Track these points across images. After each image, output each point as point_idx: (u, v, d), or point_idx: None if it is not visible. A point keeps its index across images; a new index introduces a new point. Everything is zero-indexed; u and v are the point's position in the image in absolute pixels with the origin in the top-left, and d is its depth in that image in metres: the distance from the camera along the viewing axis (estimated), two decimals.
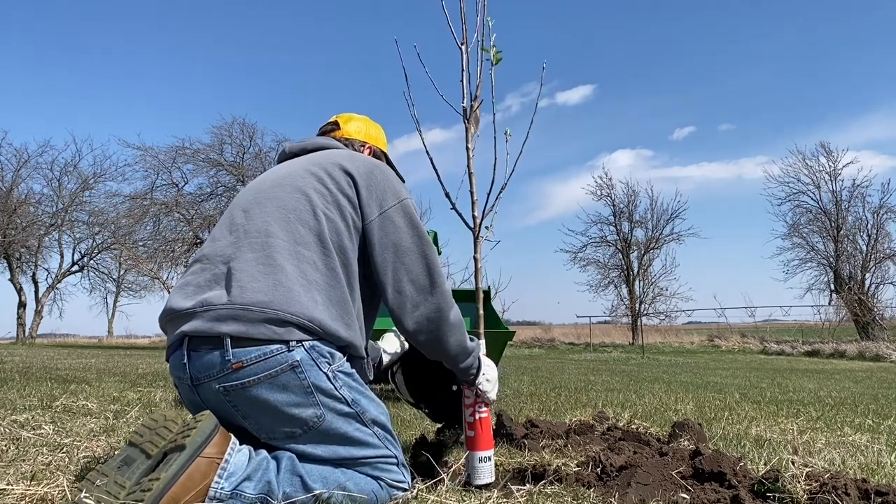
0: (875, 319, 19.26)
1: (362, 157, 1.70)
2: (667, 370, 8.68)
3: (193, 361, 1.43)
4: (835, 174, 22.74)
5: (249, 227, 1.52)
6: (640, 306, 24.18)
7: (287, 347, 1.40)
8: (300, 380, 1.41)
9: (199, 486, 1.30)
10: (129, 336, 35.99)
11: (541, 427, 2.47)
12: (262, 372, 1.38)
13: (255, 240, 1.49)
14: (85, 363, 7.95)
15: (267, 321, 1.39)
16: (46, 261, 25.18)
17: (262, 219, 1.53)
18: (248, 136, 21.08)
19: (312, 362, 1.42)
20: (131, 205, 20.40)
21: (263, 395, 1.40)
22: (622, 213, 25.84)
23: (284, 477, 1.40)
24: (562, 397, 4.37)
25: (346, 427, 1.46)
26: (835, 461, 2.13)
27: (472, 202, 1.93)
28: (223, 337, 1.39)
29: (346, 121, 1.97)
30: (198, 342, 1.43)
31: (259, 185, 1.66)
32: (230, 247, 1.51)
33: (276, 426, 1.44)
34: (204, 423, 1.36)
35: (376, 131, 2.01)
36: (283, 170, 1.66)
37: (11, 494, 1.45)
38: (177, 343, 1.48)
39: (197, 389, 1.45)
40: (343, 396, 1.46)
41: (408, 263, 1.57)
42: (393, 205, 1.60)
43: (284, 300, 1.40)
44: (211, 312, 1.41)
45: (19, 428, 2.43)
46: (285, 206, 1.54)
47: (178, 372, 1.47)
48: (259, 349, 1.38)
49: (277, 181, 1.62)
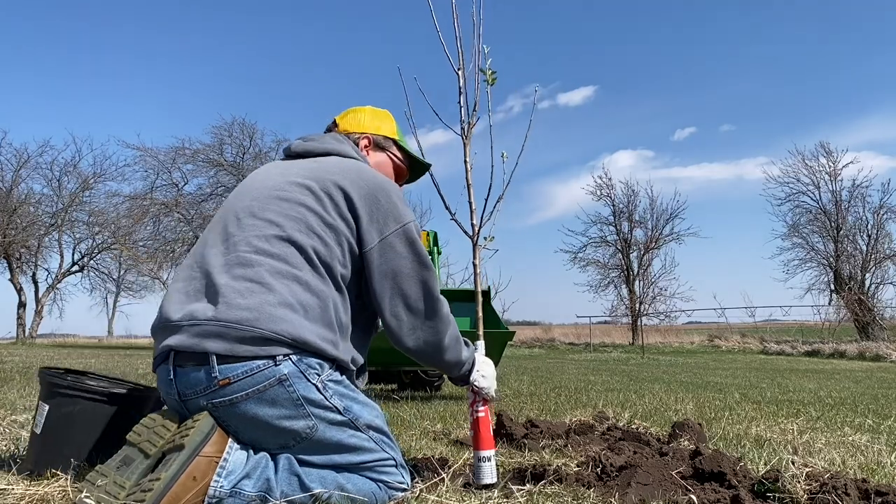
0: (875, 319, 19.26)
1: (365, 174, 1.61)
2: (667, 370, 8.69)
3: (180, 378, 1.41)
4: (835, 174, 22.75)
5: (240, 239, 1.48)
6: (640, 306, 24.18)
7: (274, 362, 1.37)
8: (289, 393, 1.38)
9: (199, 484, 1.31)
10: (129, 336, 36.06)
11: (541, 427, 2.47)
12: (250, 388, 1.36)
13: (245, 254, 1.45)
14: (85, 363, 7.95)
15: (252, 339, 1.36)
16: (46, 261, 25.20)
17: (255, 232, 1.49)
18: (248, 136, 21.11)
19: (301, 375, 1.40)
20: (131, 205, 20.42)
21: (252, 411, 1.38)
22: (622, 213, 25.88)
23: (282, 476, 1.40)
24: (562, 397, 4.37)
25: (340, 435, 1.45)
26: (835, 461, 2.13)
27: (471, 211, 2.00)
28: (209, 354, 1.36)
29: (342, 116, 1.91)
30: (183, 358, 1.40)
31: (258, 188, 1.60)
32: (220, 256, 1.48)
33: (269, 439, 1.43)
34: (202, 423, 1.36)
35: (378, 120, 1.90)
36: (282, 178, 1.60)
37: (11, 494, 1.46)
38: (162, 356, 1.45)
39: (185, 405, 1.43)
40: (334, 405, 1.44)
41: (406, 290, 1.55)
42: (394, 230, 1.56)
43: (270, 318, 1.37)
44: (196, 328, 1.38)
45: (19, 428, 2.44)
46: (279, 224, 1.49)
47: (165, 387, 1.45)
48: (245, 365, 1.36)
49: (275, 190, 1.56)
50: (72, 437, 1.68)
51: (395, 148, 1.90)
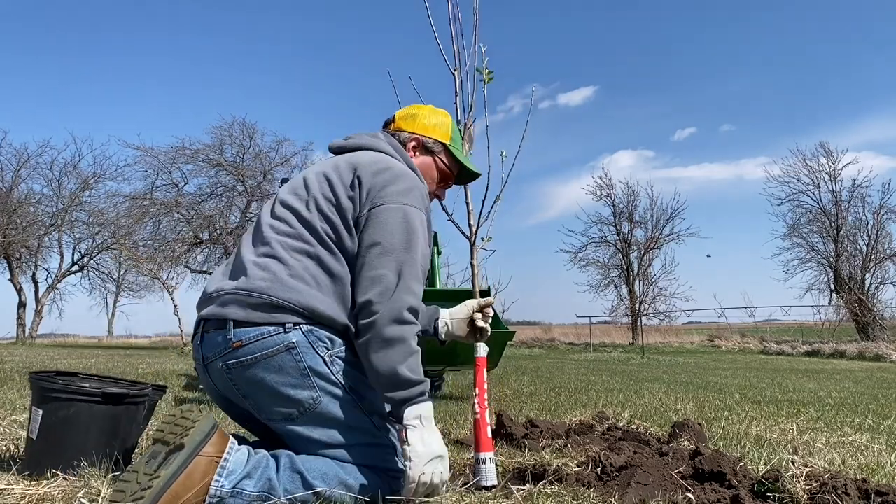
0: (875, 319, 19.24)
1: (382, 163, 1.64)
2: (667, 370, 8.68)
3: (205, 343, 1.55)
4: (834, 174, 22.72)
5: (265, 223, 1.62)
6: (640, 306, 24.16)
7: (283, 329, 1.47)
8: (296, 361, 1.46)
9: (199, 484, 1.32)
10: (129, 336, 36.05)
11: (541, 427, 2.47)
12: (259, 351, 1.46)
13: (266, 234, 1.59)
14: (85, 363, 7.95)
15: (264, 306, 1.48)
16: (46, 261, 25.19)
17: (278, 215, 1.62)
18: (248, 136, 21.06)
19: (309, 345, 1.48)
20: (131, 205, 20.37)
21: (260, 375, 1.47)
22: (622, 213, 25.83)
23: (284, 474, 1.40)
24: (562, 397, 4.37)
25: (344, 412, 1.49)
26: (835, 461, 2.13)
27: (468, 212, 2.04)
28: (227, 319, 1.49)
29: (402, 113, 1.90)
30: (209, 325, 1.55)
31: (293, 183, 1.72)
32: (250, 238, 1.64)
33: (274, 406, 1.49)
34: (202, 424, 1.38)
35: (433, 122, 1.87)
36: (312, 171, 1.70)
37: (11, 494, 1.46)
38: (196, 326, 1.61)
39: (207, 369, 1.56)
40: (340, 381, 1.50)
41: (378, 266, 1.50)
42: (386, 203, 1.55)
43: (282, 287, 1.49)
44: (221, 298, 1.53)
45: (19, 428, 2.44)
46: (295, 208, 1.60)
47: (195, 354, 1.60)
48: (257, 329, 1.47)
49: (302, 180, 1.67)
50: (70, 441, 1.67)
51: (444, 153, 1.86)
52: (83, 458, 1.66)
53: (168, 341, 22.28)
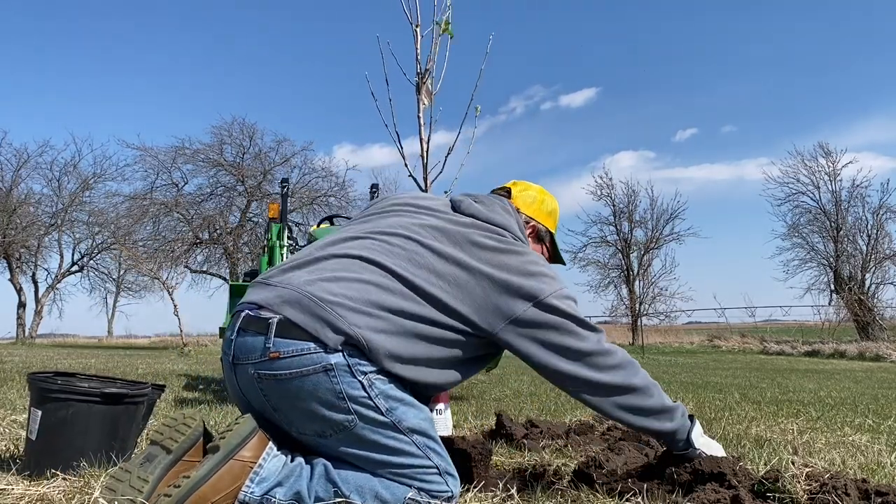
0: (875, 319, 19.24)
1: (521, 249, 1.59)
2: (667, 370, 8.68)
3: (239, 340, 1.43)
4: (834, 174, 22.71)
5: (367, 247, 1.51)
6: (640, 306, 24.16)
7: (325, 349, 1.36)
8: (332, 384, 1.36)
9: (228, 488, 1.30)
10: (129, 336, 36.00)
11: (541, 427, 2.48)
12: (295, 368, 1.36)
13: (356, 258, 1.49)
14: (85, 363, 7.95)
15: (320, 319, 1.37)
16: (46, 261, 25.14)
17: (394, 249, 1.51)
18: (248, 136, 21.08)
19: (348, 369, 1.37)
20: (131, 205, 20.39)
21: (294, 392, 1.37)
22: (622, 213, 25.81)
23: (318, 483, 1.37)
24: (562, 397, 4.36)
25: (379, 436, 1.40)
26: (835, 461, 2.13)
27: (424, 165, 2.14)
28: (270, 322, 1.38)
29: (521, 190, 1.85)
30: (249, 321, 1.43)
31: (410, 218, 1.61)
32: (342, 243, 1.54)
33: (306, 424, 1.41)
34: (242, 427, 1.36)
35: (548, 208, 1.86)
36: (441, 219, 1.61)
37: (11, 495, 1.46)
38: (236, 314, 1.48)
39: (235, 369, 1.45)
40: (378, 406, 1.39)
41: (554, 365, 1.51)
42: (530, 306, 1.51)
43: (351, 310, 1.39)
44: (283, 290, 1.43)
45: (19, 428, 2.44)
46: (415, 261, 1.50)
47: (225, 346, 1.49)
48: (297, 344, 1.37)
49: (423, 227, 1.57)
50: (69, 441, 1.68)
51: (549, 242, 1.87)
52: (82, 459, 1.66)
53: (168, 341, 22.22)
